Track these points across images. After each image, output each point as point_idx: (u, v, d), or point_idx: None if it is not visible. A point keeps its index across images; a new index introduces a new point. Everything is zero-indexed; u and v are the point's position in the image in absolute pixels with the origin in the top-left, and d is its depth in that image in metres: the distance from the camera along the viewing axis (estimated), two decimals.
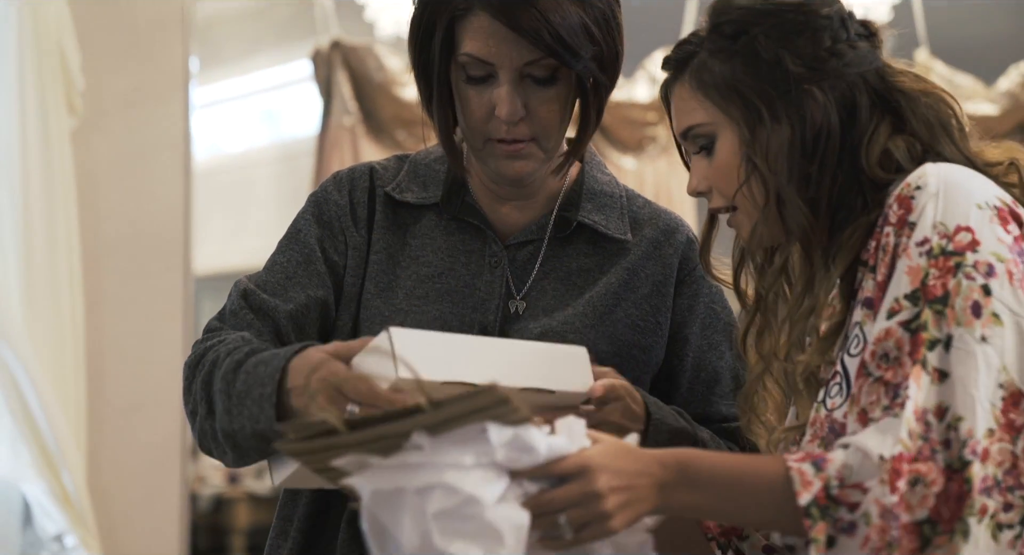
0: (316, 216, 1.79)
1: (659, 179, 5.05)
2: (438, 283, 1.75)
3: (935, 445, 1.32)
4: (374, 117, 4.69)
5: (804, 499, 1.31)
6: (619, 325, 1.76)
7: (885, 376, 1.35)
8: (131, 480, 4.09)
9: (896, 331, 1.35)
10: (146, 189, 4.17)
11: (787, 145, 1.46)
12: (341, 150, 4.62)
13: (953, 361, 1.33)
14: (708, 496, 1.37)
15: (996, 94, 5.26)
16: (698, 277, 1.82)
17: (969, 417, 1.31)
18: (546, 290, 1.77)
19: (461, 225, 1.79)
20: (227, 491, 6.42)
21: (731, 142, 1.50)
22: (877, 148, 1.48)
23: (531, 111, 1.69)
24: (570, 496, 1.31)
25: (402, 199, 1.79)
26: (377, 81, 4.66)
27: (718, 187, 1.53)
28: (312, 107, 4.86)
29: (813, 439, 1.44)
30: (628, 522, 1.34)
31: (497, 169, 1.73)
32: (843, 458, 1.32)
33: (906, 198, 1.40)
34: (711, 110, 1.51)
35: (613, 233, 1.80)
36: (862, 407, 1.36)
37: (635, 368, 1.76)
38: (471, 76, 1.69)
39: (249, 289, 1.74)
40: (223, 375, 1.61)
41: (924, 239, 1.37)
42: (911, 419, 1.31)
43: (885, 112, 1.49)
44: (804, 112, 1.47)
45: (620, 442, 1.37)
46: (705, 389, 1.81)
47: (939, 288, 1.35)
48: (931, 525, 1.30)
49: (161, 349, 4.15)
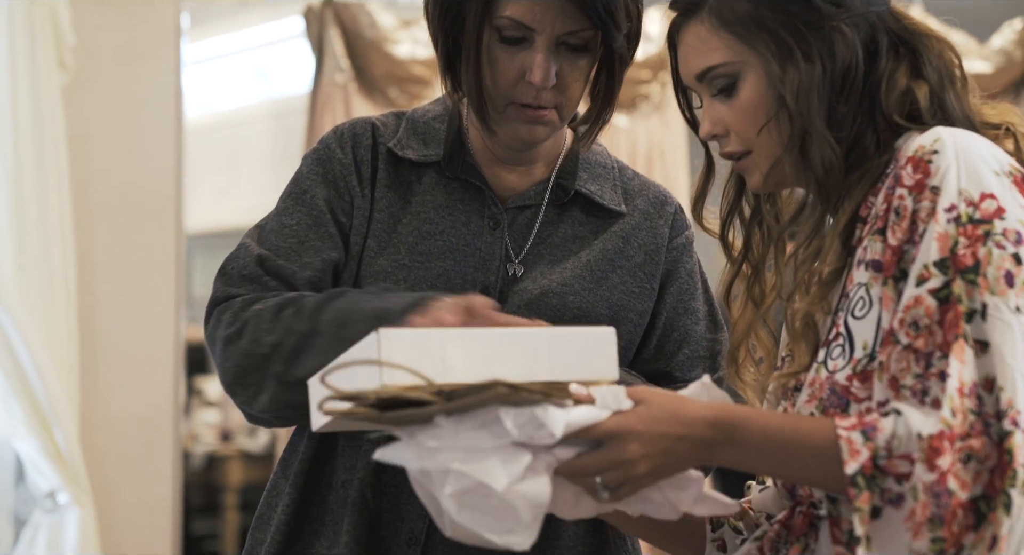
0: (322, 176, 1.78)
1: (652, 137, 5.03)
2: (440, 240, 1.75)
3: (988, 418, 1.30)
4: (366, 74, 4.66)
5: (851, 468, 1.31)
6: (615, 291, 1.77)
7: (915, 344, 1.34)
8: (124, 437, 4.10)
9: (926, 299, 1.34)
10: (138, 146, 4.16)
11: (818, 82, 1.45)
12: (333, 107, 4.60)
13: (990, 330, 1.32)
14: (755, 457, 1.38)
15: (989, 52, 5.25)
16: (681, 245, 1.84)
17: (1009, 387, 1.30)
18: (543, 255, 1.77)
19: (462, 184, 1.79)
20: (220, 449, 6.44)
21: (757, 80, 1.47)
22: (896, 90, 1.47)
23: (562, 78, 1.69)
24: (600, 462, 1.34)
25: (403, 155, 1.78)
26: (369, 38, 4.64)
27: (737, 129, 1.50)
28: (304, 64, 4.84)
29: (811, 400, 1.44)
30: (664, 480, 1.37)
31: (515, 132, 1.73)
32: (892, 427, 1.31)
33: (922, 161, 1.39)
34: (736, 48, 1.47)
35: (608, 204, 1.81)
36: (892, 374, 1.35)
37: (631, 331, 1.78)
38: (506, 37, 1.68)
39: (264, 255, 1.73)
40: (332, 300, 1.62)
41: (951, 205, 1.36)
42: (954, 396, 1.30)
43: (902, 53, 1.48)
44: (834, 49, 1.45)
45: (667, 403, 1.37)
46: (674, 348, 1.82)
47: (969, 257, 1.34)
48: (987, 501, 1.29)
49: (153, 307, 4.15)
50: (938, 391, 1.32)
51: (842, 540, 1.38)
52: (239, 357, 1.66)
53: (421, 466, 1.32)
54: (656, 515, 1.42)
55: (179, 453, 4.26)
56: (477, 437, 1.31)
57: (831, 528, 1.40)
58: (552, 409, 1.32)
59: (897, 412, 1.33)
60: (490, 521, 1.31)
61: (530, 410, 1.31)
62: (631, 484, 1.36)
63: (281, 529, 1.75)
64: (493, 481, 1.29)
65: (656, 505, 1.41)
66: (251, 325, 1.66)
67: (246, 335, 1.66)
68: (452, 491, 1.30)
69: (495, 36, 1.68)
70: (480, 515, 1.31)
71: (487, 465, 1.30)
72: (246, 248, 1.76)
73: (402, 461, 1.34)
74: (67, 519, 3.84)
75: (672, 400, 1.38)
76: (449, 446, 1.31)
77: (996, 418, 1.30)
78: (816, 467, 1.35)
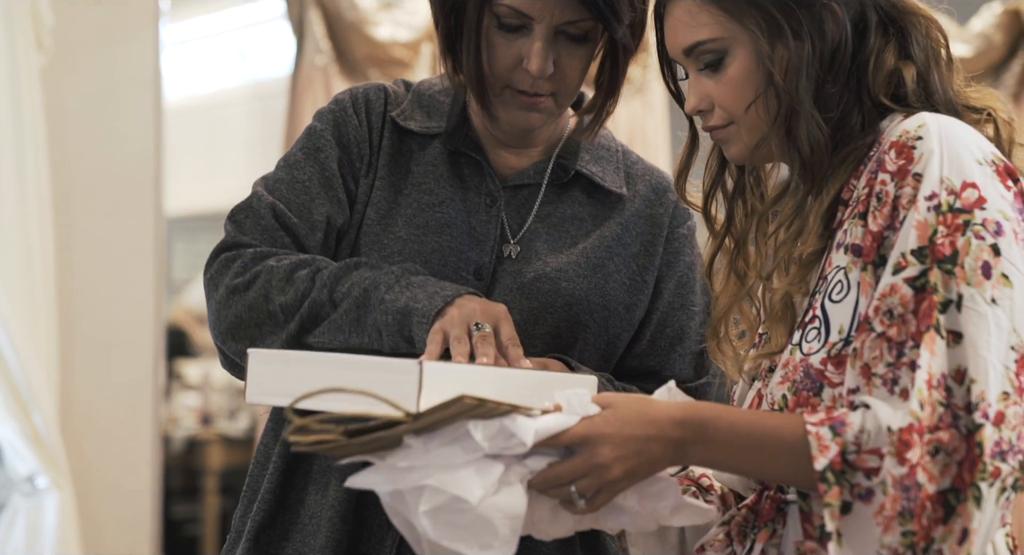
0: (336, 138, 1.76)
1: (633, 120, 5.02)
2: (438, 212, 1.74)
3: (957, 410, 1.30)
4: (347, 56, 4.64)
5: (820, 464, 1.31)
6: (610, 280, 1.76)
7: (888, 332, 1.34)
8: (103, 421, 4.09)
9: (901, 287, 1.34)
10: (117, 128, 4.14)
11: (807, 60, 1.44)
12: (314, 90, 4.58)
13: (964, 322, 1.32)
14: (725, 454, 1.38)
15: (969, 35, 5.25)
16: (681, 236, 1.83)
17: (981, 380, 1.30)
18: (540, 234, 1.76)
19: (462, 158, 1.78)
20: (200, 432, 6.42)
21: (746, 57, 1.46)
22: (884, 70, 1.46)
23: (560, 67, 1.68)
24: (573, 470, 1.34)
25: (406, 126, 1.77)
26: (350, 20, 4.62)
27: (723, 104, 1.49)
28: (284, 46, 4.82)
29: (784, 381, 1.43)
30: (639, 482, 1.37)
31: (509, 118, 1.73)
32: (860, 422, 1.31)
33: (905, 146, 1.38)
34: (725, 24, 1.46)
35: (609, 185, 1.80)
36: (865, 362, 1.35)
37: (617, 324, 1.77)
38: (504, 24, 1.67)
39: (278, 207, 1.72)
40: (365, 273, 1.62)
41: (932, 193, 1.35)
42: (923, 388, 1.30)
43: (891, 32, 1.47)
44: (824, 27, 1.44)
45: (634, 404, 1.37)
46: (668, 345, 1.81)
47: (947, 247, 1.33)
48: (955, 493, 1.29)
49: (132, 289, 4.13)
50: (907, 381, 1.31)
51: (814, 535, 1.38)
52: (242, 308, 1.66)
53: (393, 488, 1.32)
54: (635, 528, 1.43)
55: (159, 437, 4.25)
56: (448, 453, 1.31)
57: (803, 523, 1.40)
58: (520, 419, 1.32)
59: (865, 406, 1.33)
60: (467, 536, 1.31)
61: (499, 421, 1.31)
62: (606, 490, 1.36)
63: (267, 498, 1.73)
64: (468, 494, 1.29)
65: (635, 518, 1.41)
66: (262, 279, 1.65)
67: (255, 288, 1.65)
68: (427, 508, 1.30)
69: (494, 22, 1.68)
70: (456, 531, 1.31)
71: (460, 478, 1.30)
72: (258, 197, 1.74)
73: (374, 485, 1.34)
74: (46, 503, 3.83)
75: (639, 402, 1.38)
76: (421, 464, 1.31)
77: (965, 410, 1.30)
78: (785, 463, 1.35)
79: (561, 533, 1.42)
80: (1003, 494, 1.30)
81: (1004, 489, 1.30)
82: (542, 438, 1.32)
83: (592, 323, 1.74)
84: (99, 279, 4.10)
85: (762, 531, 1.46)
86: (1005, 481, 1.29)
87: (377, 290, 1.61)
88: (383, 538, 1.68)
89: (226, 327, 1.67)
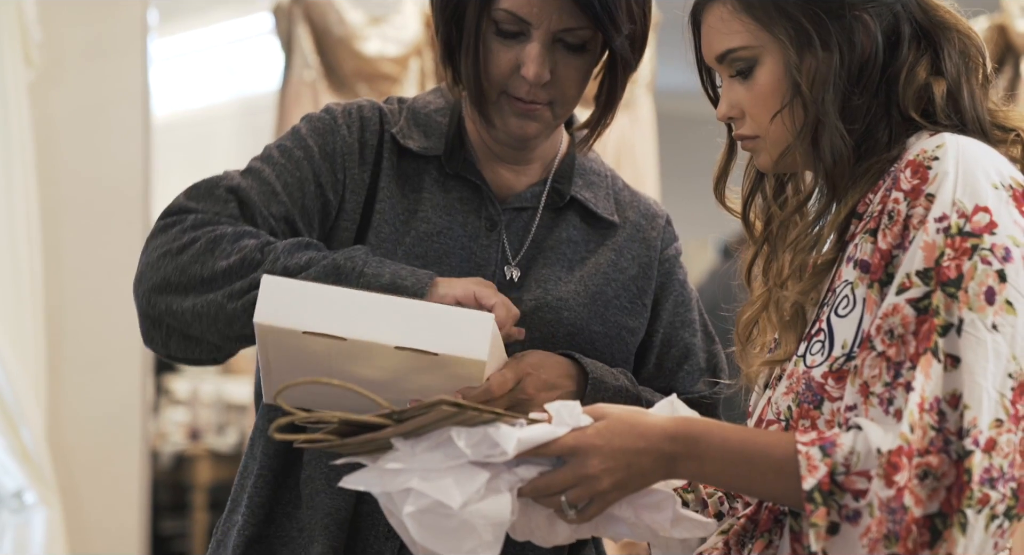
0: (320, 147, 1.74)
1: (622, 135, 5.03)
2: (437, 242, 1.73)
3: (949, 435, 1.30)
4: (335, 71, 4.65)
5: (808, 484, 1.31)
6: (609, 306, 1.76)
7: (888, 352, 1.33)
8: (91, 436, 4.08)
9: (903, 308, 1.33)
10: (105, 143, 4.13)
11: (835, 72, 1.43)
12: (302, 105, 4.58)
13: (963, 347, 1.31)
14: (715, 470, 1.38)
15: None
16: (672, 257, 1.83)
17: (975, 406, 1.30)
18: (537, 259, 1.76)
19: (460, 182, 1.77)
20: (188, 448, 6.41)
21: (775, 66, 1.45)
22: (915, 85, 1.45)
23: (556, 76, 1.67)
24: (562, 480, 1.34)
25: (405, 145, 1.76)
26: (338, 35, 4.62)
27: (752, 112, 1.48)
28: (273, 61, 4.81)
29: (788, 392, 1.44)
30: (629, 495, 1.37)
31: (505, 125, 1.72)
32: (851, 444, 1.31)
33: (921, 166, 1.38)
34: (756, 32, 1.46)
35: (602, 213, 1.80)
36: (864, 380, 1.35)
37: (623, 349, 1.76)
38: (503, 30, 1.67)
39: (238, 187, 1.70)
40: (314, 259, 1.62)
41: (943, 215, 1.34)
42: (914, 411, 1.30)
43: (924, 46, 1.46)
44: (854, 38, 1.43)
45: (626, 417, 1.37)
46: (675, 364, 1.81)
47: (953, 270, 1.33)
48: (942, 518, 1.29)
49: (121, 305, 4.09)
50: (902, 402, 1.31)
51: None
52: (172, 270, 1.62)
53: (383, 489, 1.34)
54: (635, 538, 1.43)
55: (147, 452, 4.23)
56: (433, 458, 1.33)
57: (792, 543, 1.40)
58: (504, 427, 1.33)
59: (858, 427, 1.33)
60: (451, 541, 1.32)
61: (483, 429, 1.32)
62: (597, 501, 1.36)
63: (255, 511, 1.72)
64: (448, 499, 1.31)
65: (633, 528, 1.42)
66: (201, 243, 1.62)
67: (191, 251, 1.62)
68: (412, 510, 1.31)
69: (492, 28, 1.67)
70: (440, 535, 1.32)
71: (442, 484, 1.31)
72: (221, 176, 1.72)
73: (367, 486, 1.35)
74: (34, 519, 3.81)
75: (632, 414, 1.38)
76: (408, 467, 1.33)
77: (957, 435, 1.30)
78: (775, 481, 1.35)
79: (560, 540, 1.44)
80: (994, 521, 1.29)
81: (995, 516, 1.29)
82: (526, 448, 1.33)
83: (594, 351, 1.73)
84: (87, 294, 4.09)
85: (758, 540, 1.46)
86: (995, 508, 1.29)
87: (352, 262, 1.60)
88: (381, 550, 1.68)
89: (149, 287, 1.63)
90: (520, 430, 1.33)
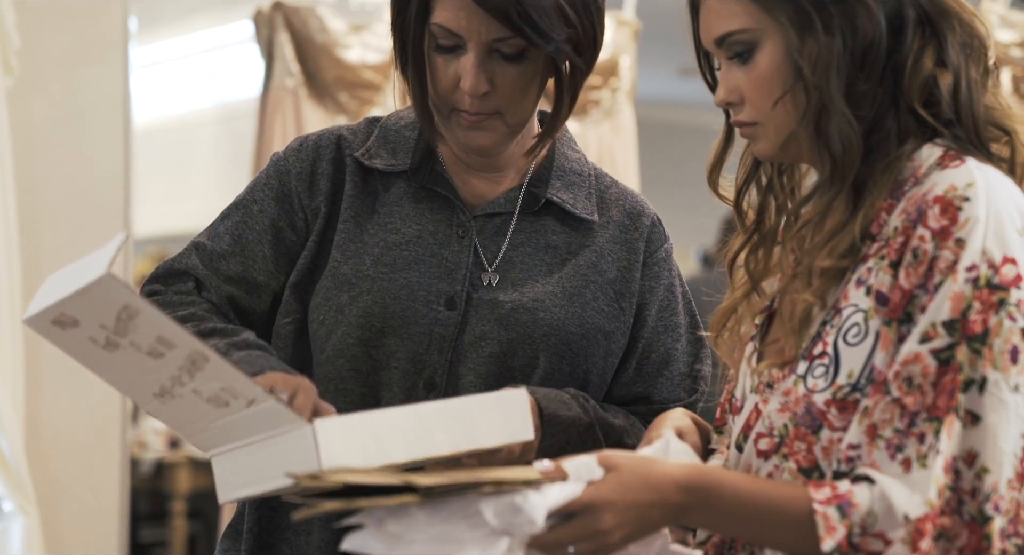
0: (276, 192, 1.78)
1: (602, 143, 5.04)
2: (406, 250, 1.73)
3: (963, 495, 1.30)
4: (316, 79, 4.65)
5: (827, 545, 1.30)
6: (587, 308, 1.75)
7: (904, 400, 1.32)
8: (70, 445, 4.06)
9: (926, 357, 1.32)
10: (84, 151, 4.12)
11: (837, 56, 1.40)
12: (283, 112, 4.58)
13: (986, 406, 1.30)
14: (726, 521, 1.38)
15: None
16: (659, 260, 1.82)
17: (996, 470, 1.29)
18: (515, 262, 1.76)
19: (430, 193, 1.77)
20: (167, 456, 6.39)
21: (775, 50, 1.42)
22: (921, 75, 1.42)
23: (497, 86, 1.67)
24: (575, 535, 1.33)
25: (371, 165, 1.77)
26: (319, 42, 4.62)
27: (752, 98, 1.45)
28: (254, 69, 4.81)
29: (785, 410, 1.42)
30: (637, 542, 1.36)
31: (460, 139, 1.72)
32: (868, 504, 1.30)
33: (951, 205, 1.35)
34: (756, 15, 1.42)
35: (580, 212, 1.79)
36: (873, 422, 1.34)
37: (596, 353, 1.76)
38: (440, 45, 1.67)
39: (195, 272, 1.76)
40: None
41: (972, 265, 1.32)
42: (940, 476, 1.29)
43: (928, 33, 1.43)
44: (856, 22, 1.40)
45: (637, 467, 1.35)
46: (654, 370, 1.81)
47: (979, 325, 1.31)
48: None
49: None
50: (913, 451, 1.31)
51: None
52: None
53: (389, 554, 1.31)
54: None
55: (126, 460, 4.22)
56: (455, 528, 1.30)
57: None
58: (531, 494, 1.30)
59: (868, 480, 1.32)
60: None
61: (510, 498, 1.30)
62: (603, 551, 1.35)
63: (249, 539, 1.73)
64: None
65: None
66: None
67: None
68: None
69: (433, 43, 1.68)
70: None
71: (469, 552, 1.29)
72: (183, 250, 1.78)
73: (371, 550, 1.32)
74: (12, 527, 3.79)
75: (642, 464, 1.36)
76: (422, 536, 1.30)
77: (971, 495, 1.30)
78: (788, 537, 1.35)
79: None
80: None
81: None
82: (555, 509, 1.31)
83: (570, 353, 1.73)
84: None
85: (740, 553, 1.46)
86: None
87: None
88: None
89: None
90: (545, 497, 1.31)
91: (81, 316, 1.39)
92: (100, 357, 1.44)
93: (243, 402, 1.40)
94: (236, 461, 1.46)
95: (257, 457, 1.43)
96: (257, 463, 1.44)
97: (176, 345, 1.37)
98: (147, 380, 1.44)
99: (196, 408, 1.43)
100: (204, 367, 1.38)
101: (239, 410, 1.40)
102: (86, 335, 1.41)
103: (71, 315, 1.40)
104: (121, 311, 1.36)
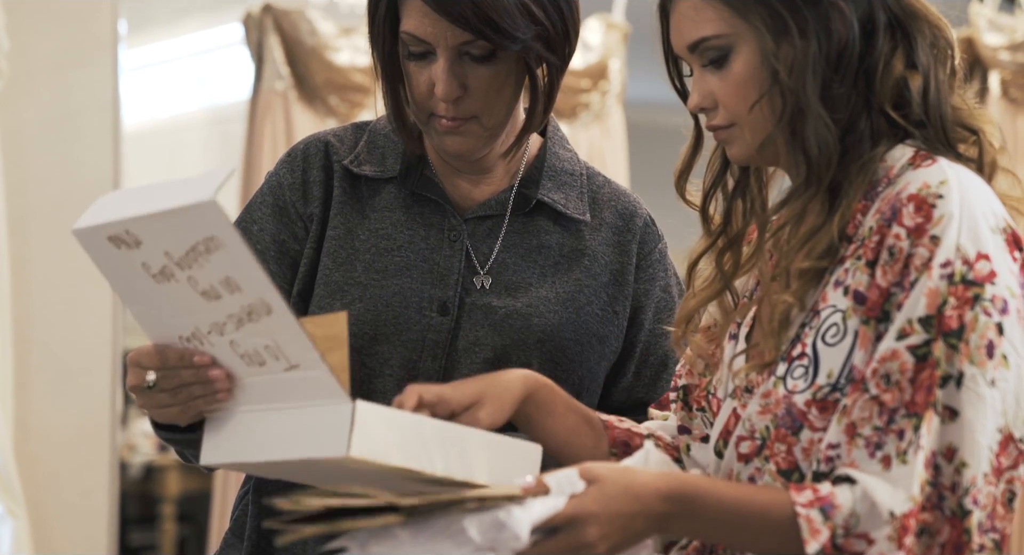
0: (272, 207, 1.77)
1: (592, 146, 5.04)
2: (397, 256, 1.73)
3: (944, 490, 1.31)
4: (306, 82, 4.64)
5: (812, 548, 1.30)
6: (581, 312, 1.75)
7: (883, 397, 1.33)
8: (59, 448, 4.05)
9: (903, 354, 1.33)
10: (74, 153, 4.11)
11: (813, 60, 1.40)
12: (273, 115, 4.57)
13: (964, 401, 1.31)
14: (709, 528, 1.38)
15: None
16: (654, 261, 1.81)
17: (974, 465, 1.30)
18: (507, 264, 1.75)
19: (420, 199, 1.77)
20: (157, 459, 6.38)
21: (751, 54, 1.42)
22: (892, 77, 1.43)
23: (471, 89, 1.67)
24: (560, 548, 1.32)
25: (360, 172, 1.77)
26: (309, 45, 4.62)
27: (727, 103, 1.45)
28: (243, 71, 4.80)
29: (765, 412, 1.42)
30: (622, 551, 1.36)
31: (439, 144, 1.72)
32: (851, 505, 1.31)
33: (925, 202, 1.36)
34: (730, 20, 1.42)
35: (571, 213, 1.78)
36: (852, 420, 1.34)
37: (591, 358, 1.76)
38: (412, 52, 1.67)
39: None
40: None
41: (947, 261, 1.33)
42: (922, 472, 1.30)
43: (899, 36, 1.44)
44: (830, 26, 1.41)
45: (619, 478, 1.35)
46: (653, 374, 1.81)
47: (955, 320, 1.32)
48: None
49: (89, 316, 4.10)
50: (892, 448, 1.31)
51: None
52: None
53: None
54: None
55: (116, 463, 4.21)
56: (440, 547, 1.29)
57: None
58: (515, 510, 1.30)
59: (849, 481, 1.32)
60: None
61: (493, 515, 1.29)
62: None
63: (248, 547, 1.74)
64: None
65: None
66: None
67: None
68: None
69: (405, 51, 1.68)
70: None
71: None
72: None
73: None
74: (1, 531, 3.79)
75: (624, 475, 1.36)
76: (412, 552, 1.29)
77: (951, 490, 1.30)
78: (772, 541, 1.35)
79: None
80: None
81: None
82: (539, 524, 1.31)
83: (564, 359, 1.73)
84: (56, 304, 4.07)
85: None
86: None
87: None
88: None
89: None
90: (529, 512, 1.30)
91: (148, 238, 1.32)
92: (142, 285, 1.36)
93: (283, 365, 1.35)
94: (243, 424, 1.41)
95: (272, 424, 1.39)
96: (270, 431, 1.39)
97: (243, 289, 1.31)
98: (183, 321, 1.38)
99: (223, 361, 1.38)
100: (260, 320, 1.32)
101: (274, 372, 1.35)
102: (140, 259, 1.34)
103: (136, 235, 1.32)
104: (203, 242, 1.29)
